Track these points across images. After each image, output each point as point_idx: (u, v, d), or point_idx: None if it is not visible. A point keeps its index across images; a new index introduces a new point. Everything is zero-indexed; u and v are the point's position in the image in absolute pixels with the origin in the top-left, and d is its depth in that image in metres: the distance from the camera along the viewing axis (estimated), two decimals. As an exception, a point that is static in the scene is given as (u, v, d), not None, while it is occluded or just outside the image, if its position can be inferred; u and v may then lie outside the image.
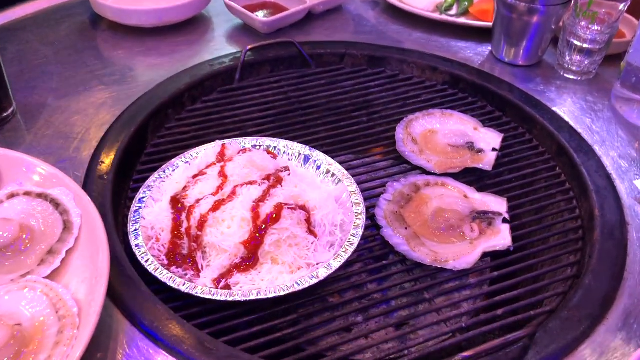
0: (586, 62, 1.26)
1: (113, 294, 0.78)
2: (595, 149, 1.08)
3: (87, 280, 0.75)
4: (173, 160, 1.00)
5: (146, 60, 1.29)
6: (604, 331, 0.78)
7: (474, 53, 1.37)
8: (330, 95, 1.25)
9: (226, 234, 0.84)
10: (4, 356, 0.66)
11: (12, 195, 0.85)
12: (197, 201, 0.88)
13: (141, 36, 1.36)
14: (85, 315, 0.70)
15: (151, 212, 0.91)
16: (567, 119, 1.16)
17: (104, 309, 0.72)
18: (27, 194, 0.85)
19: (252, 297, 0.79)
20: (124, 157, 1.02)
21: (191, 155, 1.01)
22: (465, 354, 0.74)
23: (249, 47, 1.27)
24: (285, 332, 0.81)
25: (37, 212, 0.84)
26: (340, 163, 1.02)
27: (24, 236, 0.80)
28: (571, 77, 1.28)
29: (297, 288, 0.81)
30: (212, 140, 1.04)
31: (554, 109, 1.19)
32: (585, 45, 1.23)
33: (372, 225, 0.96)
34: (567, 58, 1.27)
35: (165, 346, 0.74)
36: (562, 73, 1.30)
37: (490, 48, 1.38)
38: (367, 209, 0.96)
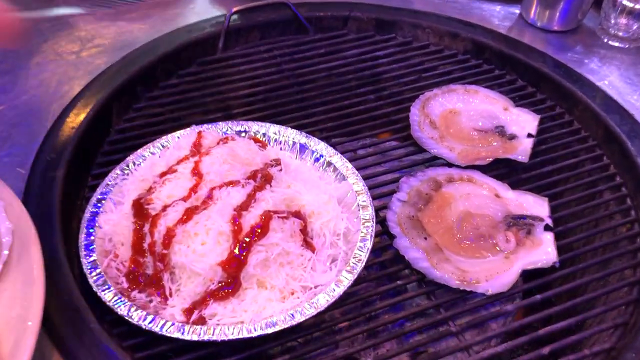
0: (636, 27, 1.07)
1: (53, 333, 0.62)
2: (652, 133, 0.90)
3: (13, 321, 0.57)
4: (140, 150, 0.83)
5: (113, 27, 1.09)
6: (684, 382, 0.61)
7: (500, 16, 1.17)
8: (331, 67, 1.06)
9: (199, 252, 0.67)
10: None
11: None
12: (164, 208, 0.70)
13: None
14: (7, 372, 0.53)
15: (110, 220, 0.74)
16: (614, 96, 0.97)
17: (39, 353, 0.56)
18: (-54, 201, 0.67)
19: (232, 337, 0.63)
20: (80, 147, 0.84)
21: (161, 145, 0.83)
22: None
23: (235, 9, 1.08)
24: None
25: (-42, 226, 0.66)
26: (344, 153, 0.85)
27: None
28: (617, 44, 1.10)
29: (290, 323, 0.64)
30: (190, 124, 0.86)
31: (597, 83, 1.00)
32: (636, 6, 1.04)
33: (384, 232, 0.78)
34: (613, 21, 1.09)
35: (117, 407, 0.57)
36: (605, 40, 1.11)
37: (518, 10, 1.18)
38: (377, 211, 0.80)
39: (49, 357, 0.61)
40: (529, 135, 0.90)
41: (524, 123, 0.93)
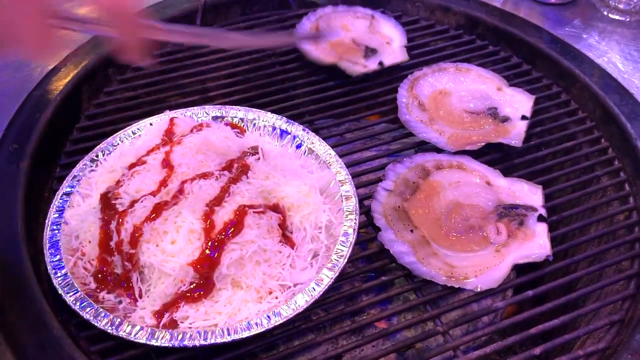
0: (638, -1, 1.01)
1: (12, 340, 0.58)
2: (653, 115, 0.85)
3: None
4: (110, 138, 0.78)
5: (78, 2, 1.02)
6: (682, 385, 0.58)
7: (495, -12, 1.10)
8: (315, 45, 1.00)
9: (169, 251, 0.63)
10: None
11: None
12: (132, 204, 0.66)
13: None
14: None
15: (77, 215, 0.70)
16: (614, 74, 0.92)
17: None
18: None
19: (205, 342, 0.59)
20: (47, 135, 0.80)
21: (132, 133, 0.78)
22: None
23: (213, -17, 1.01)
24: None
25: None
26: (327, 138, 0.80)
27: None
28: (617, 17, 1.05)
29: (267, 326, 0.60)
30: (165, 109, 0.81)
31: (597, 60, 0.95)
32: (639, -23, 0.98)
33: (369, 223, 0.74)
34: (614, -7, 1.02)
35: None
36: (605, 12, 1.06)
37: (514, -19, 1.11)
38: (362, 200, 0.75)
39: (8, 367, 0.57)
40: (523, 118, 0.86)
41: (518, 104, 0.88)
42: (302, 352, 0.68)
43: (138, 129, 0.78)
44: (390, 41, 0.98)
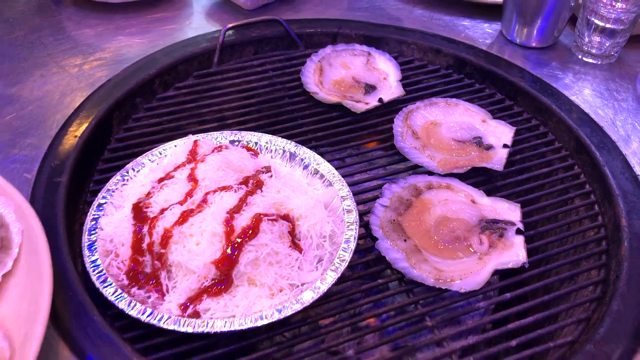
0: (608, 44, 1.12)
1: (60, 325, 0.67)
2: (619, 145, 0.96)
3: (23, 314, 0.62)
4: (139, 158, 0.88)
5: (114, 41, 1.15)
6: (638, 371, 0.67)
7: (482, 33, 1.23)
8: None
9: (194, 251, 0.72)
10: None
11: (-59, 206, 0.72)
12: (162, 211, 0.76)
13: (109, 13, 1.22)
14: (19, 357, 0.58)
15: (111, 222, 0.79)
16: (586, 109, 1.03)
17: (47, 344, 0.60)
18: (-41, 204, 0.72)
19: (225, 329, 0.68)
20: (83, 154, 0.90)
21: (159, 153, 0.88)
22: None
23: (229, 25, 1.13)
24: (265, 351, 0.70)
25: (-30, 226, 0.71)
26: (331, 161, 0.90)
27: (-46, 256, 0.68)
28: (590, 60, 1.15)
29: (278, 317, 0.69)
30: (187, 134, 0.91)
31: (571, 97, 1.06)
32: (607, 25, 1.10)
33: (367, 235, 0.84)
34: (587, 39, 1.14)
35: (118, 391, 0.62)
36: (580, 56, 1.17)
37: (499, 27, 1.24)
38: (361, 215, 0.85)
39: (56, 347, 0.65)
40: (505, 146, 0.96)
41: (500, 134, 0.99)
42: (306, 346, 0.75)
43: (164, 149, 0.89)
44: (386, 76, 1.10)
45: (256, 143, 0.92)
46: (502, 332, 0.73)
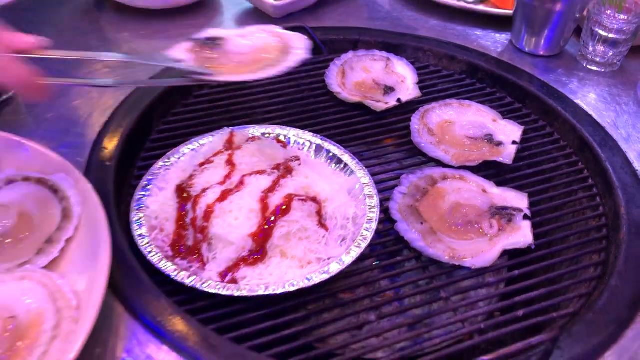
0: (611, 53, 1.21)
1: (114, 286, 0.74)
2: (620, 144, 1.03)
3: (86, 272, 0.71)
4: (179, 147, 0.96)
5: (152, 43, 1.24)
6: (632, 336, 0.74)
7: (493, 42, 1.32)
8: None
9: (233, 225, 0.80)
10: (-3, 350, 0.63)
11: (10, 181, 0.81)
12: (204, 190, 0.84)
13: (147, 18, 1.32)
14: (84, 308, 0.66)
15: (155, 201, 0.87)
16: (590, 112, 1.11)
17: (104, 302, 0.68)
18: (25, 179, 0.81)
19: (260, 293, 0.75)
20: (127, 143, 0.98)
21: (198, 143, 0.97)
22: (486, 357, 0.70)
23: (260, 31, 1.22)
24: (295, 329, 0.78)
25: (36, 199, 0.80)
26: (353, 154, 0.98)
27: (23, 224, 0.77)
28: (594, 68, 1.23)
29: (307, 284, 0.77)
30: (220, 127, 1.00)
31: (576, 101, 1.14)
32: (610, 35, 1.18)
33: (386, 219, 0.92)
34: (591, 48, 1.22)
35: (168, 342, 0.70)
36: (584, 64, 1.25)
37: (509, 37, 1.32)
38: (381, 202, 0.92)
39: (111, 304, 0.73)
40: (514, 143, 1.04)
41: (509, 132, 1.07)
42: (330, 323, 0.81)
43: (203, 140, 0.97)
44: (404, 79, 1.18)
45: (285, 136, 1.00)
46: (510, 304, 0.80)
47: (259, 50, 0.91)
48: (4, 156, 0.84)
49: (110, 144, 0.96)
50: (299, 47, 0.91)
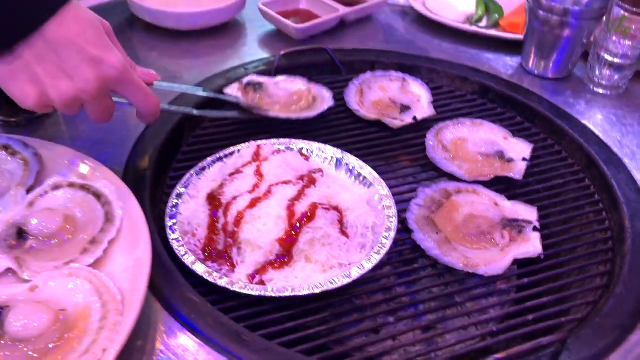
0: (616, 77, 1.27)
1: (151, 285, 0.79)
2: (625, 162, 1.09)
3: (129, 270, 0.77)
4: (209, 158, 1.02)
5: (181, 62, 1.32)
6: (636, 340, 0.79)
7: (503, 65, 1.38)
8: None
9: (262, 231, 0.86)
10: (50, 340, 0.68)
11: (56, 187, 0.88)
12: (234, 198, 0.90)
13: (177, 38, 1.39)
14: (128, 302, 0.72)
15: (188, 208, 0.93)
16: (596, 132, 1.17)
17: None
18: (70, 185, 0.88)
19: (287, 294, 0.81)
20: (161, 154, 1.05)
21: (226, 155, 1.03)
22: (497, 356, 0.75)
23: (283, 52, 1.29)
24: (315, 330, 0.83)
25: (80, 203, 0.86)
26: (371, 167, 1.03)
27: (68, 226, 0.83)
28: (601, 91, 1.29)
29: (330, 287, 0.82)
30: (245, 141, 1.06)
31: (583, 121, 1.19)
32: (616, 60, 1.24)
33: (403, 229, 0.97)
34: (597, 72, 1.28)
35: (202, 337, 0.75)
36: (591, 87, 1.31)
37: (519, 60, 1.39)
38: (398, 213, 0.98)
39: (150, 302, 0.79)
40: (524, 159, 1.10)
41: (520, 150, 1.12)
42: (348, 326, 0.86)
43: (232, 152, 1.04)
44: (419, 99, 1.25)
45: (307, 149, 1.07)
46: (521, 309, 0.85)
47: (293, 95, 1.21)
48: (51, 163, 0.91)
49: (145, 155, 1.03)
50: (326, 96, 1.22)
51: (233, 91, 1.19)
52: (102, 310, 0.71)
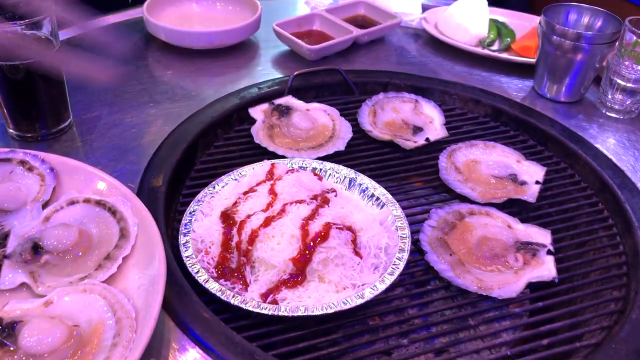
0: (629, 102, 1.27)
1: (164, 302, 0.80)
2: (638, 186, 1.08)
3: (143, 287, 0.77)
4: (222, 177, 1.03)
5: (196, 81, 1.33)
6: (652, 367, 0.78)
7: (516, 88, 1.39)
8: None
9: (276, 249, 0.86)
10: (63, 355, 0.68)
11: (72, 202, 0.88)
12: (248, 216, 0.90)
13: (191, 57, 1.41)
14: (141, 319, 0.72)
15: (201, 226, 0.93)
16: (609, 156, 1.17)
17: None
18: (86, 201, 0.88)
19: (300, 314, 0.81)
20: (175, 171, 1.05)
21: (240, 173, 1.04)
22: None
23: (297, 72, 1.31)
24: (327, 351, 0.82)
25: (95, 219, 0.86)
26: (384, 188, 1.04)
27: (83, 242, 0.83)
28: (613, 115, 1.30)
29: (343, 307, 0.82)
30: (257, 160, 1.07)
31: (596, 145, 1.19)
32: (628, 85, 1.24)
33: (415, 250, 0.97)
34: (610, 96, 1.29)
35: (215, 356, 0.75)
36: (604, 111, 1.31)
37: (531, 84, 1.39)
38: (411, 234, 0.97)
39: (162, 318, 0.79)
40: (537, 182, 1.10)
41: (533, 173, 1.12)
42: (360, 347, 0.85)
43: (244, 171, 1.04)
44: (432, 120, 1.25)
45: (320, 169, 1.07)
46: (535, 334, 0.84)
47: (315, 129, 1.20)
48: (66, 179, 0.92)
49: (159, 172, 1.04)
50: (346, 136, 1.20)
51: (257, 111, 1.21)
52: (116, 327, 0.71)
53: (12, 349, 0.68)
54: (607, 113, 1.30)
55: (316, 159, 1.10)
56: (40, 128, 1.09)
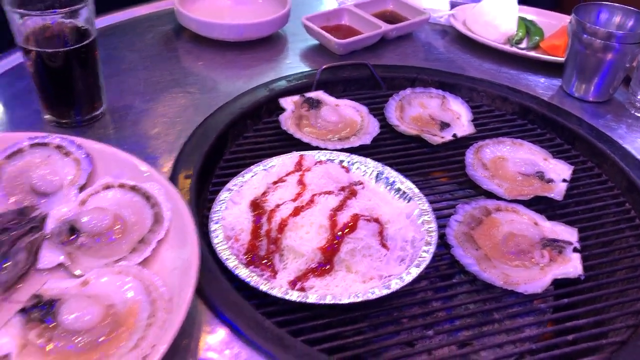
0: (659, 102, 1.26)
1: (197, 288, 0.82)
2: (667, 188, 1.08)
3: (176, 270, 0.79)
4: (252, 167, 1.04)
5: (225, 72, 1.35)
6: (678, 366, 0.78)
7: (543, 86, 1.38)
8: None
9: (304, 238, 0.87)
10: (100, 334, 0.71)
11: (107, 187, 0.91)
12: (277, 206, 0.92)
13: (221, 49, 1.43)
14: (175, 301, 0.74)
15: (231, 214, 0.95)
16: (638, 156, 1.16)
17: (189, 298, 0.75)
18: (121, 186, 0.91)
19: (328, 301, 0.82)
20: (205, 161, 1.07)
21: (268, 163, 1.05)
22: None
23: (325, 66, 1.32)
24: (352, 339, 0.84)
25: (130, 203, 0.89)
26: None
27: (117, 226, 0.85)
28: (642, 116, 1.29)
29: (370, 297, 0.83)
30: (286, 151, 1.08)
31: (624, 145, 1.19)
32: (659, 85, 1.24)
33: (441, 244, 0.98)
34: (639, 97, 1.28)
35: (245, 339, 0.77)
36: (632, 112, 1.30)
37: (559, 83, 1.39)
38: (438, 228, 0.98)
39: (194, 302, 0.81)
40: (564, 181, 1.10)
41: (560, 171, 1.12)
42: (384, 337, 0.86)
43: (274, 161, 1.05)
44: (459, 116, 1.26)
45: (348, 162, 1.08)
46: (560, 329, 0.85)
47: (343, 123, 1.21)
48: (102, 165, 0.94)
49: (191, 160, 1.06)
50: (373, 131, 1.20)
51: (287, 101, 1.22)
52: (150, 308, 0.73)
53: (51, 325, 0.70)
54: (636, 114, 1.30)
55: (341, 151, 1.11)
56: (75, 114, 1.12)
